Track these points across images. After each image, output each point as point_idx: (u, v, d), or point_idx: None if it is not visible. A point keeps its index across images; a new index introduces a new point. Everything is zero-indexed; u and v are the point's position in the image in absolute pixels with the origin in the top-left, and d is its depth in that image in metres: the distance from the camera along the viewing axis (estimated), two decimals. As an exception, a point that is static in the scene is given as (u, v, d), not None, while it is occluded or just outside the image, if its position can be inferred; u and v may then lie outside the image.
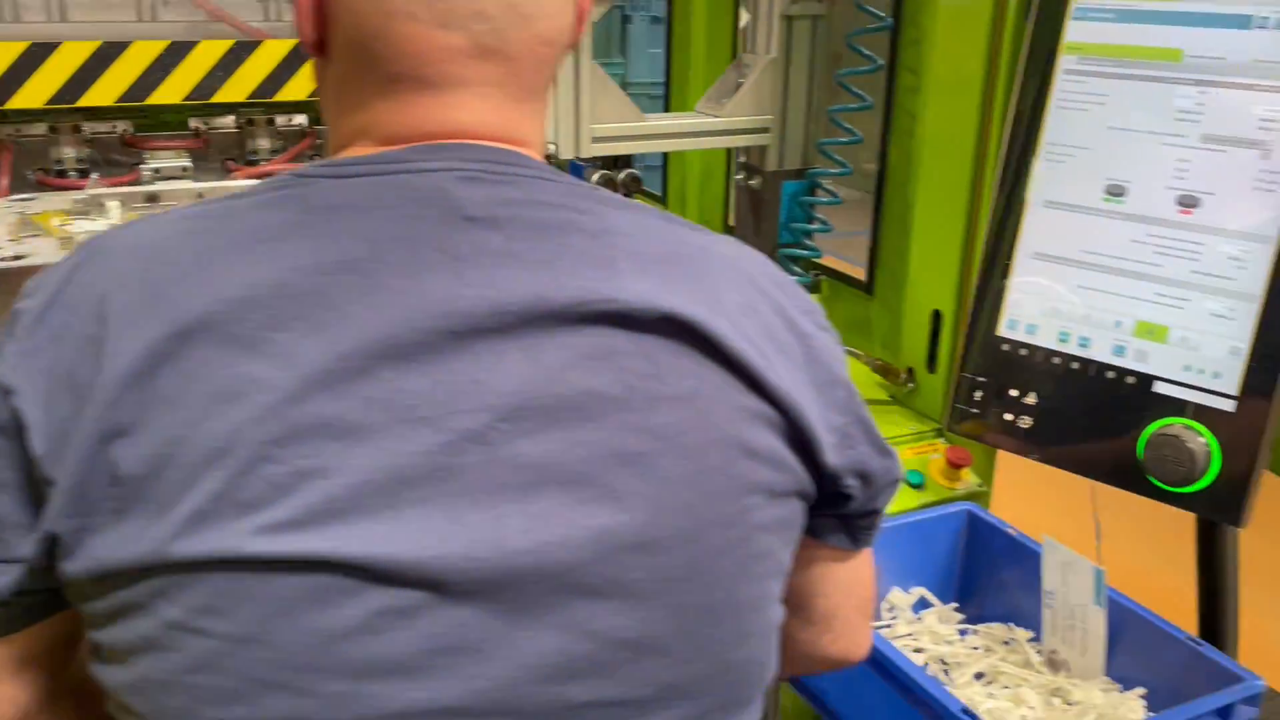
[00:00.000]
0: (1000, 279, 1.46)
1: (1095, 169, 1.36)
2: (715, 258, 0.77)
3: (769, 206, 1.90)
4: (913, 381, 1.82)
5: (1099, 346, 1.37)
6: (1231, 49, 1.25)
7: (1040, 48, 1.41)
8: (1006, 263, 1.45)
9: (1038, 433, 1.42)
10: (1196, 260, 1.29)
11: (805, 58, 1.83)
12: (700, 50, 2.38)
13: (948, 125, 1.68)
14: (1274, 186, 1.23)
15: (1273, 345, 1.24)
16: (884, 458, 0.82)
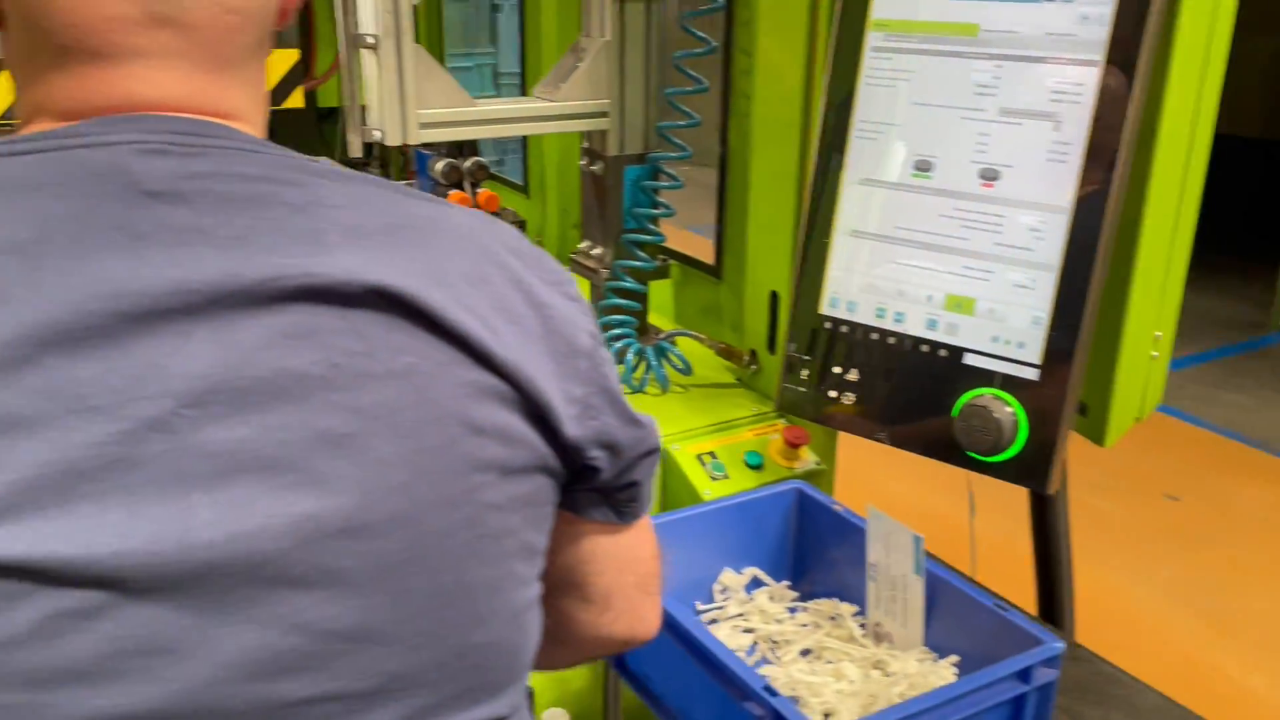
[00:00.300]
0: (820, 258, 1.47)
1: (904, 145, 1.38)
2: (444, 229, 0.74)
3: (612, 192, 1.88)
4: (756, 363, 1.82)
5: (913, 321, 1.38)
6: (1024, 22, 1.27)
7: (849, 25, 1.41)
8: (825, 241, 1.46)
9: (861, 409, 1.43)
10: (999, 232, 1.31)
11: (640, 40, 1.82)
12: (552, 35, 2.36)
13: (776, 106, 1.69)
14: (1066, 158, 1.25)
15: (1070, 313, 1.26)
16: (633, 428, 0.81)
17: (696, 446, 1.64)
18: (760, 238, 1.79)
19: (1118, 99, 1.21)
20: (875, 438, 1.43)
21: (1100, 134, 1.22)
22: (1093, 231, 1.24)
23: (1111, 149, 1.22)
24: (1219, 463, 3.84)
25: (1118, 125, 1.21)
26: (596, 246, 1.94)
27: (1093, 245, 1.24)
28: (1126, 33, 1.20)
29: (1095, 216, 1.24)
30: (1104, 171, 1.22)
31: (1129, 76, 1.20)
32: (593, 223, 1.95)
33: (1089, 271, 1.25)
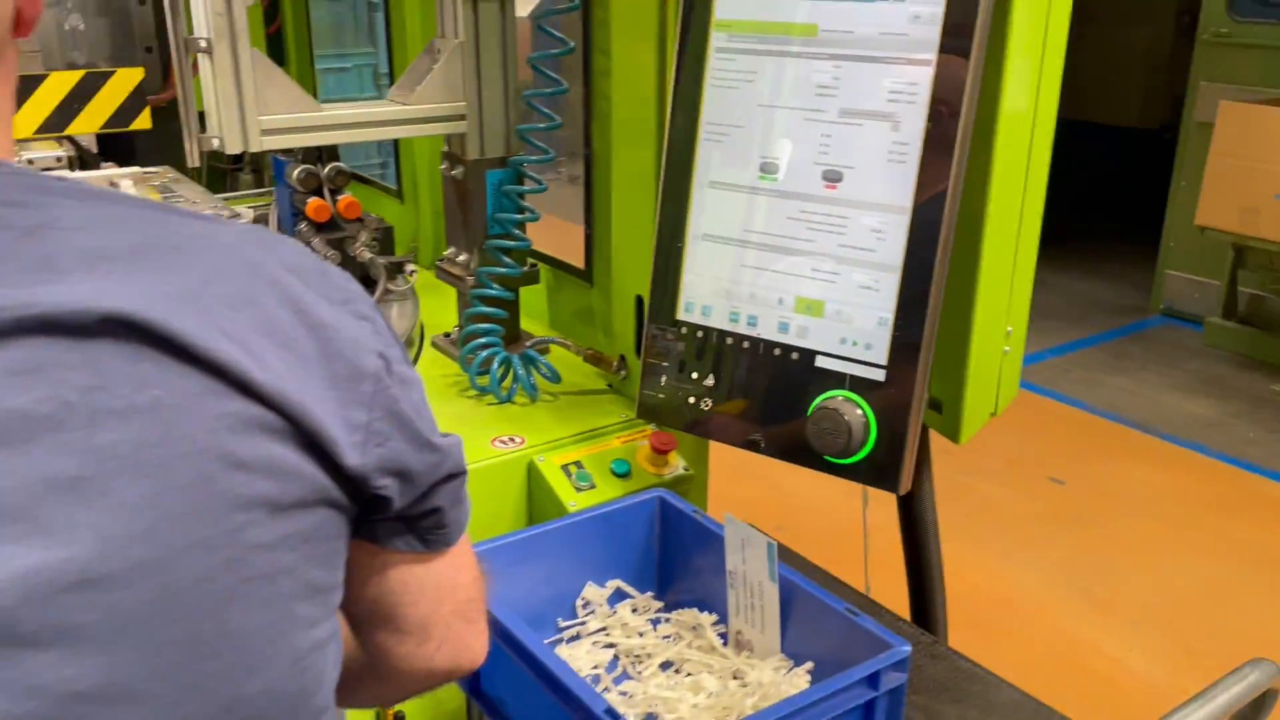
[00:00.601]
0: (674, 263, 1.45)
1: (750, 147, 1.36)
2: (208, 247, 0.69)
3: (474, 197, 1.83)
4: (624, 369, 1.79)
5: (766, 325, 1.37)
6: (860, 22, 1.26)
7: (692, 26, 1.39)
8: (679, 246, 1.44)
9: (720, 414, 1.42)
10: (843, 234, 1.30)
11: (496, 41, 1.78)
12: (417, 34, 2.30)
13: (633, 107, 1.66)
14: (905, 158, 1.25)
15: (914, 314, 1.26)
16: (428, 453, 0.77)
17: (562, 457, 1.60)
18: (624, 241, 1.76)
19: (952, 98, 1.21)
20: (734, 442, 1.42)
21: (936, 133, 1.22)
22: (932, 231, 1.24)
23: (948, 148, 1.22)
24: (1102, 445, 3.95)
25: (953, 124, 1.21)
26: (461, 253, 1.90)
27: (933, 245, 1.24)
28: (957, 31, 1.20)
29: (934, 216, 1.24)
30: (942, 171, 1.22)
31: (962, 75, 1.20)
32: (456, 229, 1.91)
33: (930, 271, 1.25)
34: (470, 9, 1.74)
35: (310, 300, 0.72)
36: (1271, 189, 4.13)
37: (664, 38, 1.55)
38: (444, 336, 2.01)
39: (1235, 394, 4.36)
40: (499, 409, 1.74)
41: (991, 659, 1.88)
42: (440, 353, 1.98)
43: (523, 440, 1.62)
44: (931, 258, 1.25)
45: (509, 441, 1.61)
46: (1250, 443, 3.93)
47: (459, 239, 1.90)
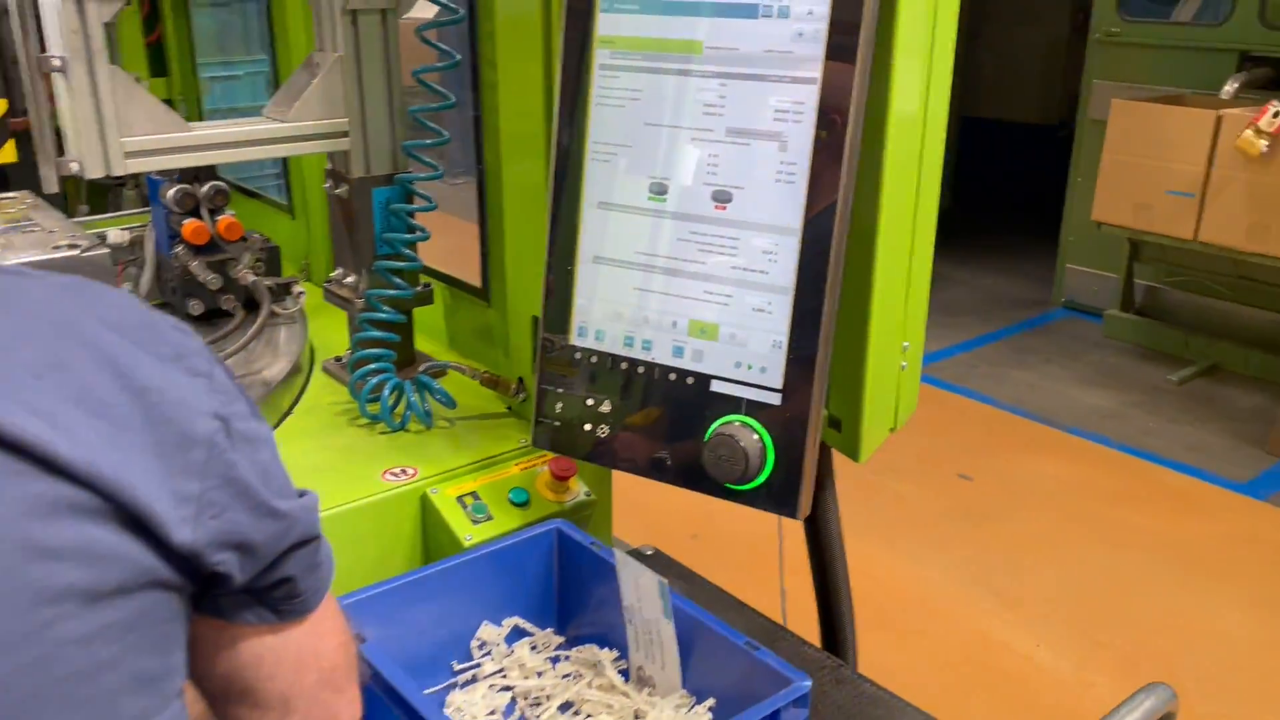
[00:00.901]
0: (565, 285, 1.40)
1: (639, 167, 1.32)
2: (10, 305, 0.63)
3: (361, 216, 1.76)
4: (523, 391, 1.74)
5: (660, 349, 1.34)
6: (744, 39, 1.23)
7: (575, 42, 1.35)
8: (569, 268, 1.39)
9: (615, 441, 1.38)
10: (735, 256, 1.27)
11: (379, 53, 1.71)
12: (300, 43, 2.21)
13: (521, 121, 1.61)
14: (794, 179, 1.22)
15: (807, 336, 1.24)
16: (271, 520, 0.71)
17: (457, 487, 1.55)
18: (519, 259, 1.71)
19: (838, 116, 1.19)
20: (633, 470, 1.38)
21: (823, 153, 1.20)
22: (823, 250, 1.22)
23: (835, 168, 1.19)
24: (1008, 440, 4.02)
25: (839, 144, 1.19)
26: (349, 274, 1.82)
27: (823, 264, 1.22)
28: (841, 48, 1.18)
29: (824, 235, 1.21)
30: (830, 190, 1.20)
31: (847, 93, 1.18)
32: (343, 249, 1.83)
33: (821, 291, 1.22)
34: (349, 22, 1.66)
35: (133, 360, 0.66)
36: (1164, 185, 4.25)
37: (550, 51, 1.50)
38: (335, 361, 1.93)
39: (1134, 385, 4.49)
40: (391, 438, 1.67)
41: (904, 661, 1.87)
42: (331, 378, 1.90)
43: (415, 471, 1.55)
44: (823, 278, 1.22)
45: (401, 474, 1.55)
46: (1149, 433, 4.04)
47: (346, 260, 1.83)
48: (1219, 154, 4.08)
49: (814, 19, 1.18)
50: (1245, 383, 4.47)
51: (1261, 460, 3.82)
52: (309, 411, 1.77)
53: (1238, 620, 2.86)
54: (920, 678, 2.53)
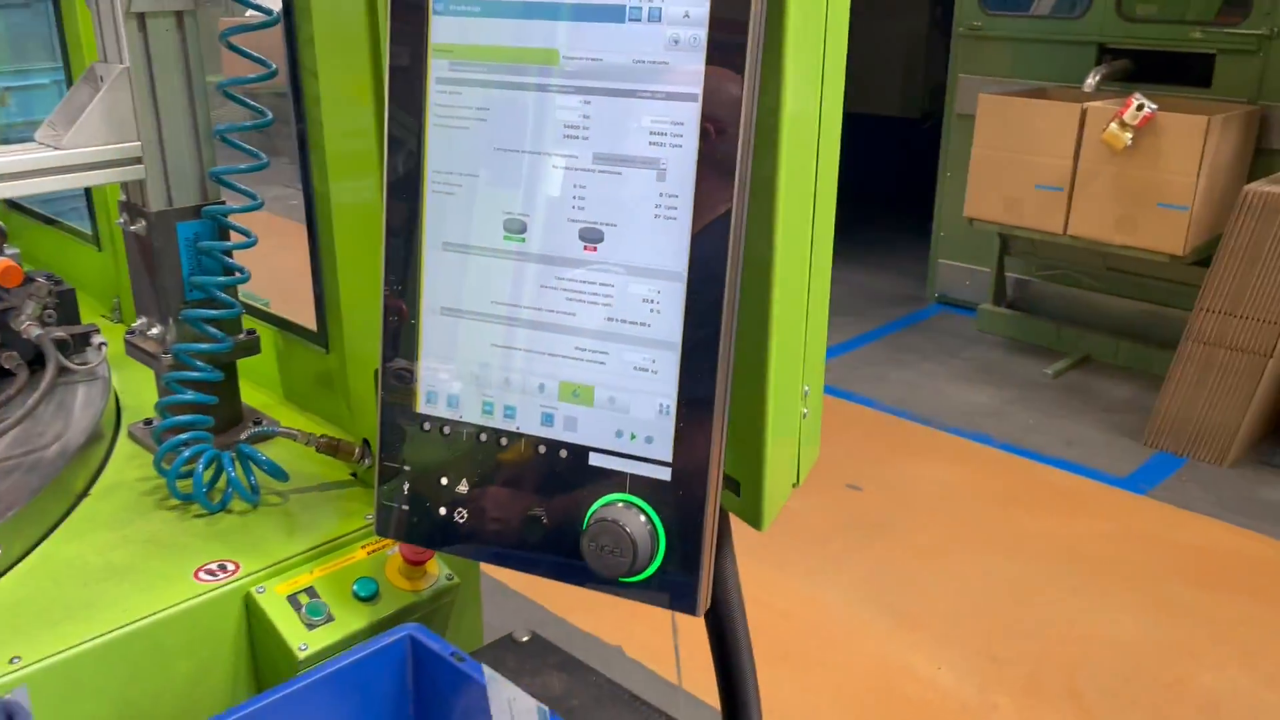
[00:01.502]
0: (407, 342, 1.17)
1: (490, 201, 1.10)
2: None
3: (164, 256, 1.48)
4: (370, 456, 1.50)
5: (526, 416, 1.12)
6: (608, 47, 1.02)
7: (405, 50, 1.11)
8: (411, 322, 1.16)
9: (477, 528, 1.15)
10: (610, 306, 1.06)
11: (176, 64, 1.43)
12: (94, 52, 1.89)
13: (349, 141, 1.36)
14: (675, 213, 1.02)
15: (699, 398, 1.04)
16: None
17: (290, 584, 1.30)
18: (355, 304, 1.47)
19: (725, 138, 0.99)
20: (499, 561, 1.16)
21: (709, 181, 1.00)
22: (714, 298, 1.02)
23: (725, 197, 1.00)
24: (894, 444, 3.95)
25: (728, 169, 0.99)
26: (153, 324, 1.54)
27: (715, 314, 1.02)
28: (726, 55, 0.98)
29: (715, 280, 1.02)
30: (720, 226, 1.00)
31: (735, 109, 0.98)
32: (145, 295, 1.55)
33: (714, 346, 1.03)
34: (136, 27, 1.39)
35: None
36: (1033, 179, 4.25)
37: (377, 59, 1.26)
38: (144, 425, 1.64)
39: (1011, 380, 4.49)
40: (209, 523, 1.40)
41: (805, 699, 1.68)
42: (141, 446, 1.61)
43: (237, 567, 1.29)
44: (715, 329, 1.02)
45: (218, 571, 1.29)
46: (1030, 429, 4.03)
47: (149, 307, 1.54)
48: (1085, 147, 4.09)
49: (691, 23, 0.98)
50: (1116, 373, 4.52)
51: (1138, 453, 3.84)
52: (110, 492, 1.49)
53: (1135, 627, 2.82)
54: (823, 712, 2.38)
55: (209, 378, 1.48)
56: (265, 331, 1.77)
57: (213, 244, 1.48)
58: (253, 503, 1.44)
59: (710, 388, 1.03)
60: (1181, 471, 3.69)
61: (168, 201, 1.47)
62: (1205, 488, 3.57)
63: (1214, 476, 3.66)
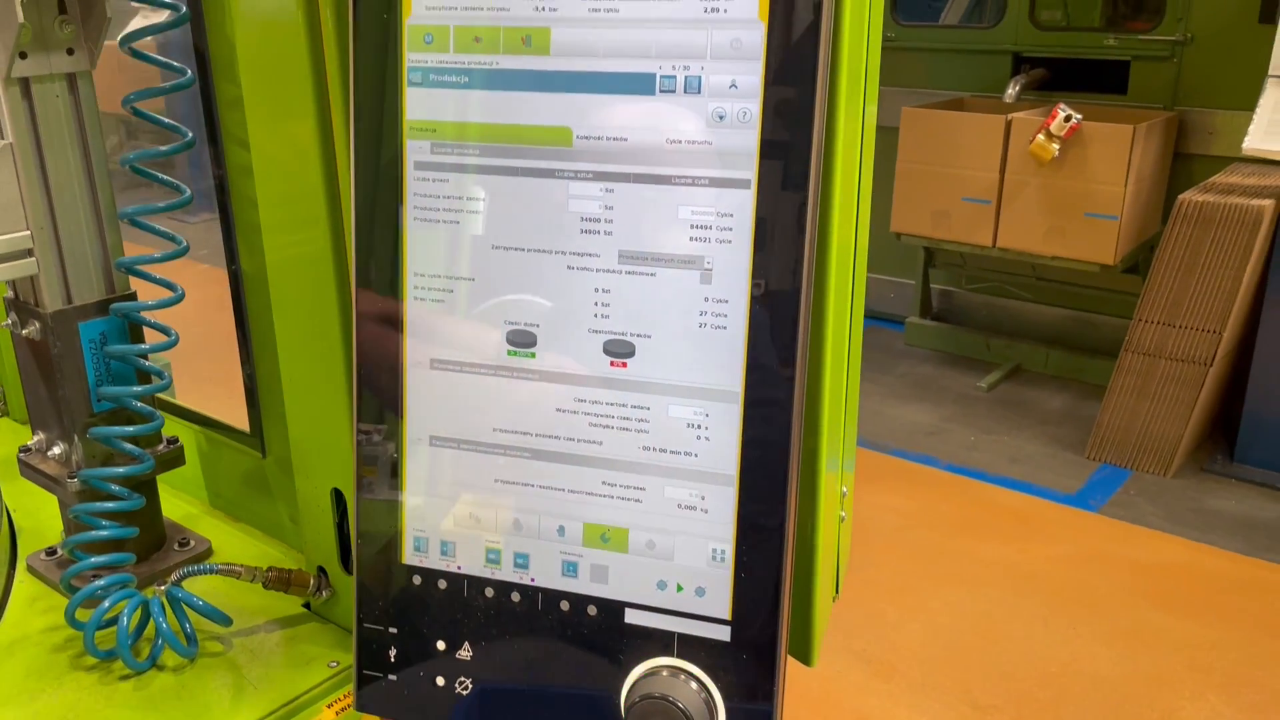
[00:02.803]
0: (390, 479, 0.96)
1: (490, 310, 0.90)
2: None
3: (65, 363, 1.23)
4: (327, 586, 1.27)
5: (543, 566, 0.92)
6: (635, 124, 0.84)
7: (373, 130, 0.91)
8: (394, 455, 0.96)
9: (482, 700, 0.96)
10: (646, 433, 0.88)
11: (70, 136, 1.19)
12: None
13: (294, 227, 1.14)
14: (725, 320, 0.84)
15: (761, 541, 0.86)
16: None
17: (246, 762, 1.07)
18: (302, 408, 1.24)
19: (785, 234, 0.82)
20: (511, 734, 0.96)
21: (767, 285, 0.83)
22: (778, 420, 0.85)
23: (787, 304, 0.83)
24: (839, 469, 3.85)
25: (789, 270, 0.82)
26: (54, 443, 1.29)
27: (781, 438, 0.85)
28: (785, 132, 0.81)
29: (778, 399, 0.84)
30: (781, 335, 0.83)
31: (796, 200, 0.81)
32: (42, 409, 1.29)
33: (780, 475, 0.86)
34: (20, 94, 1.14)
35: None
36: (960, 192, 4.21)
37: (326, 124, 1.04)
38: (45, 555, 1.38)
39: (946, 395, 4.44)
40: (138, 684, 1.16)
41: None
42: (44, 583, 1.35)
43: (179, 751, 1.07)
44: (781, 457, 0.85)
45: (158, 759, 1.05)
46: (972, 448, 3.97)
47: (48, 422, 1.29)
48: (1011, 159, 4.06)
49: (740, 95, 0.80)
50: (1048, 382, 4.52)
51: (1082, 466, 3.81)
52: (11, 651, 1.23)
53: (1110, 658, 2.75)
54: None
55: (130, 506, 1.24)
56: (185, 431, 1.53)
57: (125, 348, 1.24)
58: (189, 656, 1.21)
59: (776, 526, 0.86)
60: (1128, 484, 3.67)
61: (66, 299, 1.22)
62: (1153, 500, 3.56)
63: (1160, 488, 3.65)
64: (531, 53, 0.84)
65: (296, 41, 1.01)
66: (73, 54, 1.17)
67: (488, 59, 0.85)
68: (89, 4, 1.16)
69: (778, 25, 0.78)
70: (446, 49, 0.86)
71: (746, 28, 0.79)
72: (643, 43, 0.81)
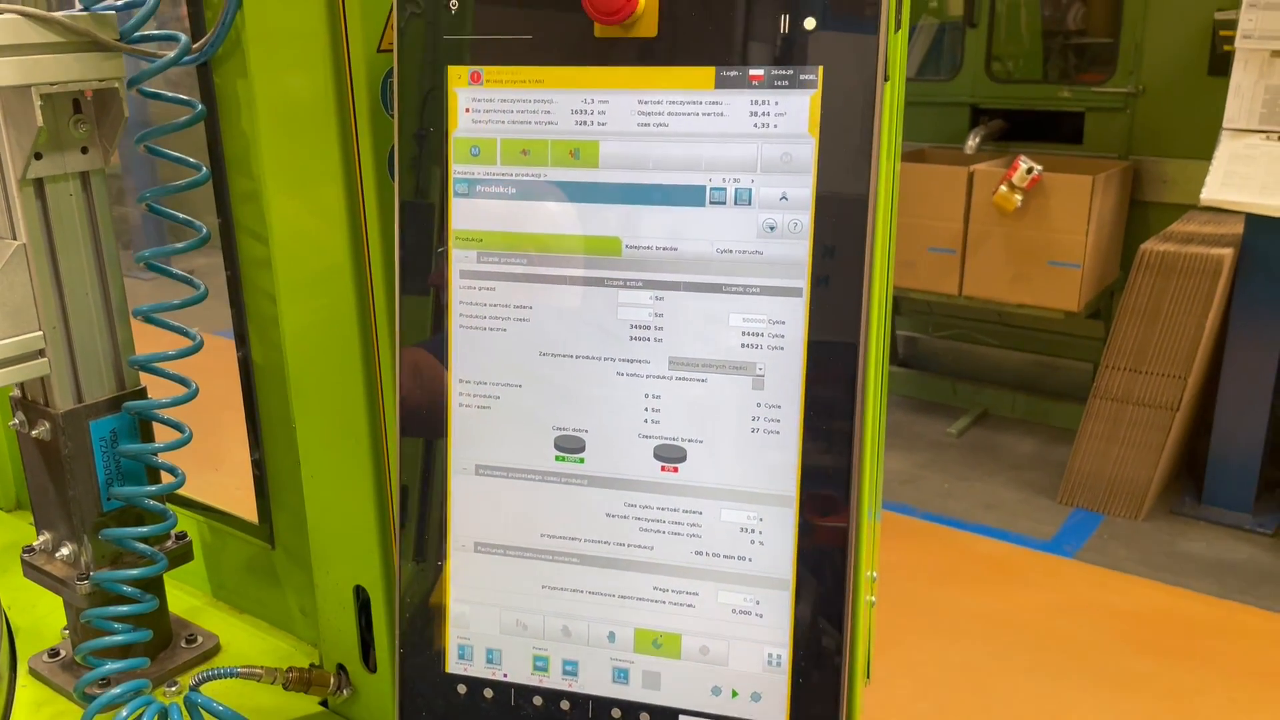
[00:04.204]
0: (432, 586, 0.95)
1: (537, 415, 0.90)
2: None
3: (76, 464, 1.21)
4: (348, 685, 1.25)
5: (593, 673, 0.92)
6: (685, 234, 0.85)
7: (417, 232, 0.91)
8: (437, 561, 0.94)
9: (533, 809, 0.94)
10: (698, 538, 0.88)
11: (83, 234, 1.18)
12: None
13: (319, 321, 1.13)
14: (777, 425, 0.85)
15: (819, 645, 0.87)
16: None
17: None
18: (324, 504, 1.22)
19: (838, 340, 0.83)
20: (560, 843, 0.95)
21: (821, 389, 0.84)
22: (834, 523, 0.85)
23: (842, 408, 0.83)
24: (818, 520, 3.86)
25: (844, 375, 0.83)
26: (63, 544, 1.25)
27: (838, 542, 0.85)
28: (836, 247, 0.82)
29: (834, 501, 0.85)
30: (836, 439, 0.84)
31: (848, 306, 0.82)
32: (49, 510, 1.26)
33: (839, 578, 0.86)
34: (34, 194, 1.13)
35: None
36: (925, 242, 4.28)
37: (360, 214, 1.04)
38: (50, 657, 1.34)
39: (918, 442, 4.48)
40: (161, 800, 1.13)
41: None
42: (48, 687, 1.31)
43: None
44: (839, 560, 0.86)
45: None
46: (947, 495, 4.01)
47: (55, 522, 1.26)
48: (974, 209, 4.15)
49: (790, 206, 0.82)
50: (1015, 426, 4.58)
51: (1055, 511, 3.86)
52: (20, 765, 1.19)
53: (1094, 706, 2.77)
54: None
55: (145, 609, 1.21)
56: (188, 521, 1.50)
57: (138, 447, 1.21)
58: (211, 764, 1.17)
59: (835, 629, 0.86)
60: (1101, 529, 3.73)
61: (77, 398, 1.20)
62: (1127, 545, 3.61)
63: (1132, 531, 3.71)
64: (580, 165, 0.85)
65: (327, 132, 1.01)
66: (87, 152, 1.16)
67: (535, 171, 0.86)
68: (104, 103, 1.15)
69: (829, 140, 0.80)
70: (494, 161, 0.87)
71: (797, 142, 0.80)
72: (693, 156, 0.83)
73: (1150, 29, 4.21)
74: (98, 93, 1.15)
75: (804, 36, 0.79)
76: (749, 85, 0.80)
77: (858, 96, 0.79)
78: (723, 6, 0.79)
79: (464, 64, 0.86)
